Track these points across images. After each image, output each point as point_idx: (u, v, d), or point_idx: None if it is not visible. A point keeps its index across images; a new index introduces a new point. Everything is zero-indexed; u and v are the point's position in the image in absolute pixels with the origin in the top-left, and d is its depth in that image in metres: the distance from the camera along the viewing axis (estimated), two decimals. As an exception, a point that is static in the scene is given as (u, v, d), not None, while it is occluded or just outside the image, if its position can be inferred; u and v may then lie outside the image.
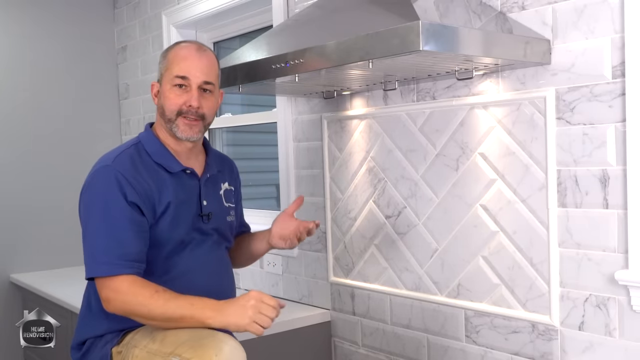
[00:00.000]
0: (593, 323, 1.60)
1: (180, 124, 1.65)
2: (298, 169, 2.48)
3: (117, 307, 1.52)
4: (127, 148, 1.67)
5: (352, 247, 2.26)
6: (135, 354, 1.55)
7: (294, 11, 2.43)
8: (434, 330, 2.00)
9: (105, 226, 1.56)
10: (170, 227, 1.64)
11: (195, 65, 1.64)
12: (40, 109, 3.51)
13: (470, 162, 1.84)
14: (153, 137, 1.70)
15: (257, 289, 2.70)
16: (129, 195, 1.57)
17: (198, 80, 1.64)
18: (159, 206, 1.62)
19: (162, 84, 1.68)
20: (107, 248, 1.54)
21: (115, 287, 1.51)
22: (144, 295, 1.49)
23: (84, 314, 1.75)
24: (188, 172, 1.70)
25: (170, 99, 1.65)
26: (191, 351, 1.42)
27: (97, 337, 1.68)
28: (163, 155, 1.68)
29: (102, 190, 1.58)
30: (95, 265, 1.55)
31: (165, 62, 1.68)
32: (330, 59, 1.60)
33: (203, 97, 1.66)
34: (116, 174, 1.57)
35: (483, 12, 1.67)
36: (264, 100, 2.87)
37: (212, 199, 1.75)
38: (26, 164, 3.46)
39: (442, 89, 1.91)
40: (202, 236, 1.71)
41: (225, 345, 1.41)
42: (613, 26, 1.51)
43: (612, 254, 1.55)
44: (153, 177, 1.63)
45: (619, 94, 1.51)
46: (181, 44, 1.71)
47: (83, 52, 3.66)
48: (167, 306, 1.48)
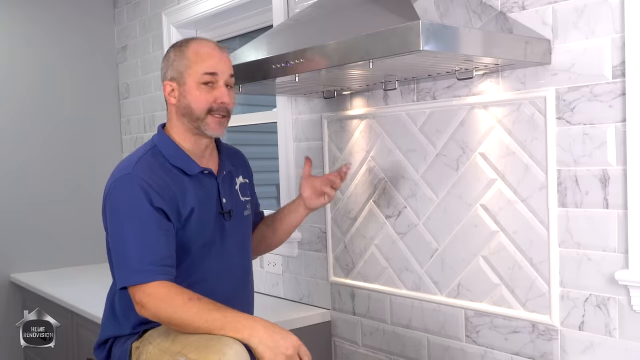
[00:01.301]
0: (593, 323, 1.60)
1: (210, 122, 1.64)
2: (298, 168, 2.48)
3: (150, 312, 1.51)
4: (144, 154, 1.65)
5: (352, 247, 2.26)
6: (149, 351, 1.57)
7: (294, 11, 2.43)
8: (434, 330, 2.00)
9: (135, 233, 1.54)
10: (196, 229, 1.64)
11: (222, 61, 1.65)
12: (39, 109, 3.52)
13: (471, 162, 1.84)
14: (168, 140, 1.69)
15: (256, 288, 2.70)
16: (155, 200, 1.56)
17: (225, 76, 1.65)
18: (184, 209, 1.62)
19: (186, 83, 1.64)
20: (140, 255, 1.53)
21: (150, 293, 1.50)
22: (178, 304, 1.48)
23: (107, 317, 1.76)
24: (206, 172, 1.70)
25: (198, 97, 1.63)
26: (196, 352, 1.43)
27: (119, 336, 1.70)
28: (180, 158, 1.67)
29: (127, 198, 1.57)
30: (129, 273, 1.53)
31: (184, 60, 1.64)
32: (331, 59, 1.60)
33: (228, 92, 1.67)
34: (139, 181, 1.56)
35: (483, 12, 1.67)
36: (264, 100, 2.87)
37: (230, 195, 1.77)
38: (26, 164, 3.46)
39: (442, 89, 1.91)
40: (222, 236, 1.72)
41: (230, 349, 1.41)
42: (613, 26, 1.51)
43: (612, 254, 1.55)
44: (174, 181, 1.63)
45: (619, 94, 1.51)
46: (197, 40, 1.68)
47: (83, 51, 3.66)
48: (199, 315, 1.47)
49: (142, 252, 1.53)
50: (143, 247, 1.53)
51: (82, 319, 2.62)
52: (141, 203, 1.55)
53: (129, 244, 1.54)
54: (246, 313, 1.53)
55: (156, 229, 1.55)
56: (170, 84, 1.67)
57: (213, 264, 1.70)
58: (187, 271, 1.63)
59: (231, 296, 1.68)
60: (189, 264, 1.65)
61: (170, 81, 1.67)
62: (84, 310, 2.58)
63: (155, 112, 3.43)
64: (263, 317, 1.53)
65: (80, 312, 2.61)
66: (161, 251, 1.54)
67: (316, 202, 1.93)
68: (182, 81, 1.65)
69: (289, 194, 2.51)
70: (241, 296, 1.79)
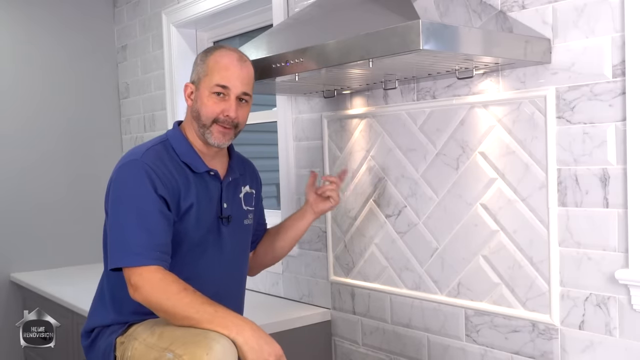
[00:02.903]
0: (593, 322, 1.60)
1: (214, 131, 1.67)
2: (298, 168, 2.48)
3: (143, 296, 1.51)
4: (154, 145, 1.68)
5: (352, 246, 2.26)
6: (135, 347, 1.57)
7: (294, 10, 2.42)
8: (434, 330, 2.00)
9: (137, 217, 1.56)
10: (190, 226, 1.66)
11: (237, 76, 1.66)
12: (40, 108, 3.51)
13: (471, 161, 1.84)
14: (181, 136, 1.72)
15: (256, 288, 2.71)
16: (159, 188, 1.58)
17: (237, 91, 1.67)
18: (183, 203, 1.64)
19: (200, 89, 1.68)
20: (139, 238, 1.54)
21: (146, 277, 1.51)
22: (172, 291, 1.49)
23: (95, 303, 1.78)
24: (212, 173, 1.72)
25: (207, 106, 1.66)
26: (183, 348, 1.43)
27: (104, 326, 1.71)
28: (190, 155, 1.69)
29: (132, 183, 1.59)
30: (126, 255, 1.54)
31: (204, 67, 1.68)
32: (330, 58, 1.60)
33: (239, 106, 1.69)
34: (145, 167, 1.59)
35: (483, 11, 1.67)
36: (264, 100, 2.87)
37: (232, 202, 1.78)
38: (26, 163, 3.46)
39: (442, 88, 1.91)
40: (217, 240, 1.73)
41: (217, 344, 1.41)
42: (613, 25, 1.51)
43: (612, 253, 1.55)
44: (179, 174, 1.65)
45: (619, 93, 1.51)
46: (222, 50, 1.71)
47: (83, 51, 3.66)
48: (191, 306, 1.48)
49: (142, 235, 1.54)
50: (143, 230, 1.54)
51: (82, 319, 2.61)
52: (145, 189, 1.57)
53: (129, 226, 1.55)
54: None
55: (157, 215, 1.56)
56: (190, 86, 1.72)
57: (203, 265, 1.70)
58: (175, 268, 1.63)
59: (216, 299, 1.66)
60: (179, 261, 1.65)
61: (191, 84, 1.72)
62: (84, 309, 2.57)
63: (155, 111, 3.42)
64: (263, 316, 1.53)
65: (80, 312, 2.61)
66: (160, 237, 1.56)
67: (322, 206, 1.97)
68: (199, 86, 1.69)
69: (289, 193, 2.51)
70: (224, 303, 1.65)
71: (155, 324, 1.59)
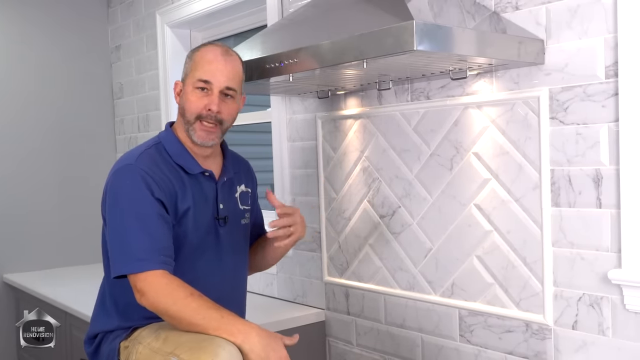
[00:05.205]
0: (586, 322, 1.61)
1: (197, 128, 1.64)
2: (292, 168, 2.48)
3: (149, 301, 1.50)
4: (147, 148, 1.66)
5: (346, 247, 2.26)
6: (139, 351, 1.56)
7: (288, 11, 2.42)
8: (428, 330, 2.00)
9: (137, 222, 1.54)
10: (189, 229, 1.64)
11: (220, 70, 1.64)
12: (33, 109, 3.50)
13: (464, 162, 1.84)
14: (173, 138, 1.70)
15: (250, 288, 2.70)
16: (155, 192, 1.56)
17: (220, 85, 1.64)
18: (181, 206, 1.62)
19: (185, 85, 1.67)
20: (141, 243, 1.52)
21: (152, 281, 1.50)
22: (179, 296, 1.48)
23: (97, 310, 1.75)
24: (206, 174, 1.70)
25: (191, 101, 1.64)
26: (189, 353, 1.42)
27: (108, 331, 1.70)
28: (183, 156, 1.68)
29: (128, 187, 1.57)
30: (129, 261, 1.52)
31: (190, 63, 1.67)
32: (325, 59, 1.60)
33: (224, 102, 1.65)
34: (140, 172, 1.57)
35: (477, 12, 1.68)
36: (258, 100, 2.87)
37: (228, 202, 1.76)
38: (19, 164, 3.45)
39: (436, 89, 1.91)
40: (216, 241, 1.72)
41: (223, 350, 1.40)
42: (606, 26, 1.52)
43: (605, 253, 1.56)
44: (174, 177, 1.64)
45: (612, 94, 1.52)
46: (208, 46, 1.69)
47: (77, 51, 3.65)
48: (197, 311, 1.47)
49: (144, 240, 1.52)
50: (145, 235, 1.52)
51: (76, 320, 2.61)
52: (142, 193, 1.55)
53: (130, 232, 1.53)
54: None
55: (157, 219, 1.55)
56: (179, 84, 1.71)
57: (202, 268, 1.69)
58: (176, 272, 1.61)
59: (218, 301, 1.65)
60: (180, 264, 1.63)
61: (180, 81, 1.71)
62: (77, 310, 2.57)
63: (149, 111, 3.42)
64: (258, 317, 1.53)
65: (74, 313, 2.60)
66: (162, 241, 1.54)
67: (278, 242, 1.75)
68: (185, 82, 1.68)
69: (283, 194, 2.50)
70: (227, 306, 1.65)
71: (160, 327, 1.57)
